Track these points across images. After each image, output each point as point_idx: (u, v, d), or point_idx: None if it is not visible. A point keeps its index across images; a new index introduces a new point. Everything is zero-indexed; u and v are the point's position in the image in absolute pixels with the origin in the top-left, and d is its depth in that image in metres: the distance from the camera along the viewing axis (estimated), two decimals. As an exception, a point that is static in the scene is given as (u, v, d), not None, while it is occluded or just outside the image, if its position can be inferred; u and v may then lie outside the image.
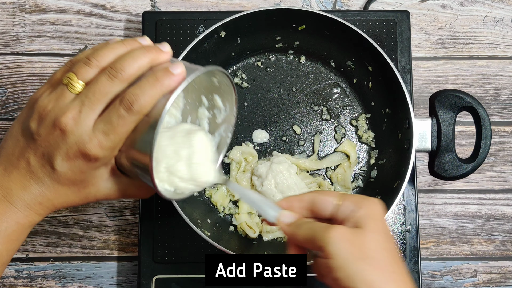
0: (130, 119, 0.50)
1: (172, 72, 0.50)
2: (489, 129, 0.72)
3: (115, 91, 0.51)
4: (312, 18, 0.77)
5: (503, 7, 0.90)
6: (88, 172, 0.53)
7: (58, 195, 0.54)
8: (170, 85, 0.50)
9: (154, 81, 0.50)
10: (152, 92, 0.50)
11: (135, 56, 0.52)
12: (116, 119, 0.50)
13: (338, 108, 0.83)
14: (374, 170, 0.81)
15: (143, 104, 0.49)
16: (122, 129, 0.50)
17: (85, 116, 0.50)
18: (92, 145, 0.50)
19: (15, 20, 0.89)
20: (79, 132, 0.50)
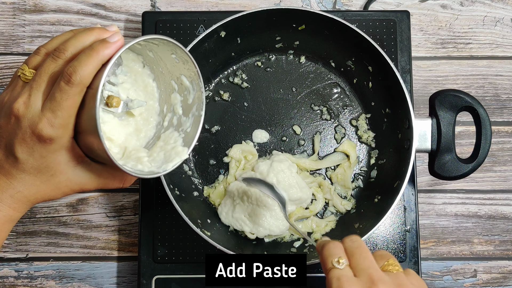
0: (72, 91, 0.50)
1: (109, 41, 0.51)
2: (489, 129, 0.72)
3: (58, 70, 0.52)
4: (312, 18, 0.77)
5: (503, 7, 0.90)
6: (48, 157, 0.53)
7: (27, 185, 0.54)
8: (107, 53, 0.51)
9: (90, 51, 0.51)
10: (89, 61, 0.50)
11: (78, 36, 0.53)
12: (59, 94, 0.50)
13: (338, 108, 0.83)
14: (374, 170, 0.81)
15: (82, 74, 0.50)
16: (66, 103, 0.51)
17: (34, 98, 0.52)
18: (42, 125, 0.51)
19: (15, 20, 0.89)
20: (30, 114, 0.51)
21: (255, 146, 0.82)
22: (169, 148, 0.60)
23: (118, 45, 0.52)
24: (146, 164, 0.59)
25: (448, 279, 0.85)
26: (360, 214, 0.78)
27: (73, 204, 0.85)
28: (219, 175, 0.81)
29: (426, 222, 0.86)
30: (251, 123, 0.82)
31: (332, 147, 0.82)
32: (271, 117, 0.83)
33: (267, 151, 0.82)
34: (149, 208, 0.80)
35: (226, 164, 0.81)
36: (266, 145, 0.82)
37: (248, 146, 0.81)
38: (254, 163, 0.80)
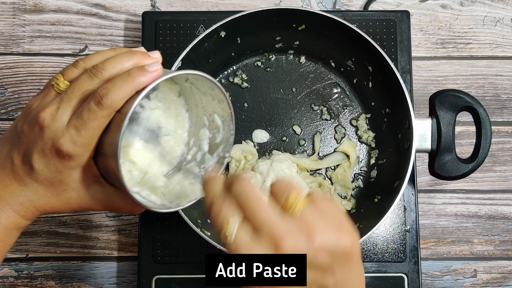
0: (100, 113, 0.50)
1: (147, 69, 0.50)
2: (489, 129, 0.72)
3: (92, 89, 0.51)
4: (312, 18, 0.77)
5: (503, 7, 0.90)
6: (64, 172, 0.53)
7: (38, 196, 0.54)
8: (142, 81, 0.50)
9: (127, 76, 0.50)
10: (123, 87, 0.50)
11: (119, 58, 0.52)
12: (86, 113, 0.50)
13: (338, 108, 0.83)
14: (374, 170, 0.81)
15: (114, 98, 0.49)
16: (92, 124, 0.50)
17: (62, 112, 0.51)
18: (64, 140, 0.50)
19: (15, 20, 0.89)
20: (55, 127, 0.51)
21: (255, 146, 0.82)
22: (186, 183, 0.59)
23: (155, 75, 0.51)
24: (160, 195, 0.57)
25: (448, 279, 0.85)
26: (360, 214, 0.78)
27: (73, 204, 0.85)
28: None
29: (426, 222, 0.86)
30: (251, 123, 0.82)
31: (332, 147, 0.82)
32: (271, 117, 0.83)
33: (267, 151, 0.82)
34: (149, 208, 0.80)
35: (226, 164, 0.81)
36: (266, 145, 0.82)
37: (248, 146, 0.81)
38: (254, 163, 0.80)
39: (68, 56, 0.89)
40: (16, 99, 0.88)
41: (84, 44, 0.89)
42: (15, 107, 0.87)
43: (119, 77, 0.50)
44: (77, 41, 0.89)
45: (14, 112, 0.87)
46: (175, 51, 0.81)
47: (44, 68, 0.88)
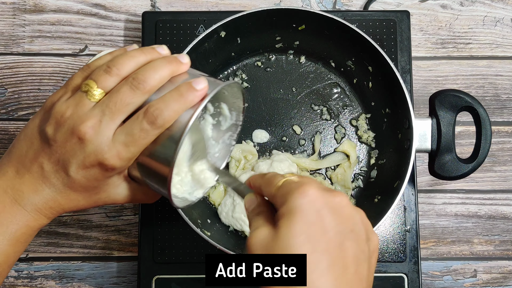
0: (153, 132, 0.50)
1: (195, 88, 0.51)
2: (489, 129, 0.72)
3: (136, 103, 0.51)
4: (312, 18, 0.77)
5: (503, 7, 0.90)
6: (103, 181, 0.53)
7: (69, 200, 0.54)
8: (193, 101, 0.50)
9: (179, 96, 0.50)
10: (176, 107, 0.50)
11: (156, 67, 0.51)
12: (138, 131, 0.50)
13: (338, 108, 0.83)
14: (374, 170, 0.81)
15: (167, 118, 0.50)
16: (143, 142, 0.50)
17: (105, 126, 0.50)
18: (110, 155, 0.50)
19: (15, 20, 0.89)
20: (98, 141, 0.50)
21: (255, 146, 0.82)
22: (196, 170, 0.59)
23: (203, 94, 0.51)
24: (177, 187, 0.58)
25: (448, 279, 0.85)
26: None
27: (73, 204, 0.85)
28: (219, 175, 0.81)
29: (426, 222, 0.86)
30: (251, 123, 0.82)
31: (332, 147, 0.82)
32: (271, 117, 0.83)
33: (267, 151, 0.82)
34: (149, 208, 0.80)
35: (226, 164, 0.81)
36: (266, 145, 0.82)
37: (248, 146, 0.81)
38: (254, 163, 0.80)
39: (68, 56, 0.89)
40: (16, 99, 0.88)
41: (84, 44, 0.89)
42: (15, 107, 0.87)
43: (170, 96, 0.50)
44: (77, 41, 0.89)
45: (14, 112, 0.87)
46: (175, 51, 0.80)
47: (44, 68, 0.88)
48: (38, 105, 0.87)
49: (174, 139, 0.50)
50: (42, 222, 0.54)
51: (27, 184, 0.53)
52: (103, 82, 0.51)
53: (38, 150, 0.52)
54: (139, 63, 0.52)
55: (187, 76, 0.53)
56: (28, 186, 0.53)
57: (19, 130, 0.87)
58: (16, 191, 0.53)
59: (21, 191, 0.53)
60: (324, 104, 0.83)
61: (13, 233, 0.53)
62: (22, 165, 0.53)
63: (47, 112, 0.53)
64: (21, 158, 0.53)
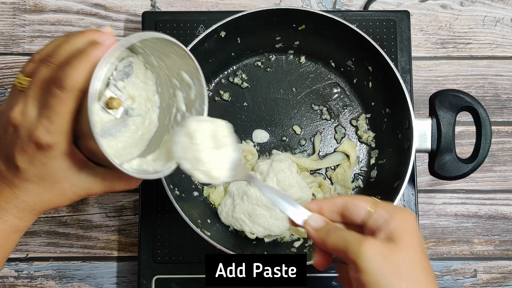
0: (65, 96, 0.50)
1: (100, 43, 0.50)
2: (489, 129, 0.72)
3: (52, 76, 0.51)
4: (312, 18, 0.77)
5: (503, 7, 0.90)
6: (49, 164, 0.53)
7: (31, 194, 0.54)
8: (98, 55, 0.50)
9: (81, 54, 0.50)
10: (79, 65, 0.49)
11: (70, 40, 0.52)
12: (52, 100, 0.50)
13: (338, 108, 0.83)
14: (374, 170, 0.81)
15: (74, 78, 0.49)
16: (61, 109, 0.50)
17: (30, 106, 0.51)
18: (39, 132, 0.50)
19: (15, 20, 0.89)
20: (27, 122, 0.51)
21: (255, 146, 0.82)
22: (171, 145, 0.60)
23: (108, 45, 0.50)
24: (151, 163, 0.58)
25: (448, 279, 0.85)
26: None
27: (73, 204, 0.85)
28: (219, 175, 0.81)
29: (426, 222, 0.86)
30: (251, 123, 0.82)
31: (332, 147, 0.82)
32: (271, 117, 0.83)
33: (267, 151, 0.82)
34: (149, 208, 0.80)
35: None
36: (266, 145, 0.82)
37: (248, 146, 0.81)
38: (254, 163, 0.80)
39: (68, 56, 0.89)
40: (16, 99, 0.88)
41: (84, 44, 0.89)
42: (15, 107, 0.87)
43: (74, 57, 0.50)
44: (77, 41, 0.89)
45: (14, 112, 0.87)
46: (175, 51, 0.81)
47: (44, 68, 0.88)
48: (38, 105, 0.87)
49: (87, 96, 0.49)
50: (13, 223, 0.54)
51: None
52: (27, 70, 0.53)
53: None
54: (59, 44, 0.53)
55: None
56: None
57: (19, 130, 0.87)
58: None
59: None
60: (324, 104, 0.83)
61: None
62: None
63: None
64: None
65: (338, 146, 0.82)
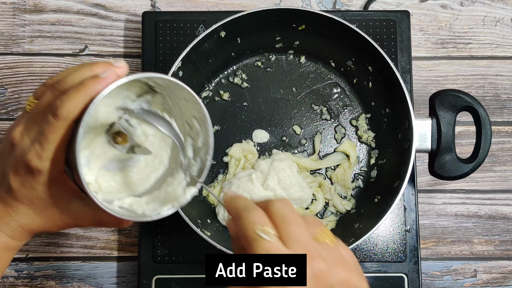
0: (58, 124, 0.49)
1: (100, 77, 0.50)
2: (489, 129, 0.72)
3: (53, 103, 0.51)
4: (312, 18, 0.77)
5: (503, 7, 0.90)
6: (39, 188, 0.52)
7: (21, 215, 0.54)
8: (96, 89, 0.49)
9: (79, 86, 0.50)
10: (76, 96, 0.49)
11: (79, 69, 0.52)
12: (46, 126, 0.50)
13: (338, 108, 0.83)
14: (374, 170, 0.81)
15: (69, 108, 0.49)
16: (52, 136, 0.50)
17: (29, 128, 0.51)
18: (31, 156, 0.50)
19: (15, 20, 0.89)
20: (23, 144, 0.51)
21: (255, 146, 0.82)
22: (170, 189, 0.59)
23: (109, 82, 0.50)
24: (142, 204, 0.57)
25: (448, 279, 0.85)
26: (360, 214, 0.78)
27: (73, 204, 0.85)
28: (218, 174, 0.81)
29: (426, 222, 0.86)
30: (251, 123, 0.82)
31: (332, 147, 0.82)
32: (271, 117, 0.83)
33: (267, 151, 0.82)
34: (149, 208, 0.80)
35: (225, 164, 0.81)
36: (266, 145, 0.82)
37: (248, 145, 0.81)
38: (254, 162, 0.80)
39: (68, 56, 0.89)
40: (16, 99, 0.88)
41: (84, 44, 0.89)
42: (15, 107, 0.87)
43: (74, 87, 0.50)
44: (77, 41, 0.89)
45: (14, 112, 0.87)
46: (175, 51, 0.81)
47: (44, 68, 0.88)
48: (38, 105, 0.87)
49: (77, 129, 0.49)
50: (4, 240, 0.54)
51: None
52: (37, 94, 0.53)
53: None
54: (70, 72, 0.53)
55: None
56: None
57: (19, 130, 0.87)
58: None
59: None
60: (324, 104, 0.83)
61: None
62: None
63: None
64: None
65: (338, 146, 0.82)
